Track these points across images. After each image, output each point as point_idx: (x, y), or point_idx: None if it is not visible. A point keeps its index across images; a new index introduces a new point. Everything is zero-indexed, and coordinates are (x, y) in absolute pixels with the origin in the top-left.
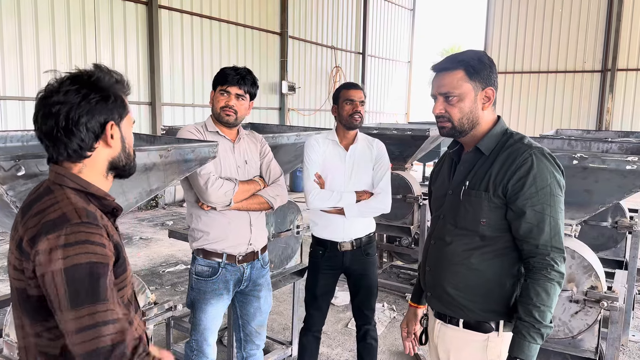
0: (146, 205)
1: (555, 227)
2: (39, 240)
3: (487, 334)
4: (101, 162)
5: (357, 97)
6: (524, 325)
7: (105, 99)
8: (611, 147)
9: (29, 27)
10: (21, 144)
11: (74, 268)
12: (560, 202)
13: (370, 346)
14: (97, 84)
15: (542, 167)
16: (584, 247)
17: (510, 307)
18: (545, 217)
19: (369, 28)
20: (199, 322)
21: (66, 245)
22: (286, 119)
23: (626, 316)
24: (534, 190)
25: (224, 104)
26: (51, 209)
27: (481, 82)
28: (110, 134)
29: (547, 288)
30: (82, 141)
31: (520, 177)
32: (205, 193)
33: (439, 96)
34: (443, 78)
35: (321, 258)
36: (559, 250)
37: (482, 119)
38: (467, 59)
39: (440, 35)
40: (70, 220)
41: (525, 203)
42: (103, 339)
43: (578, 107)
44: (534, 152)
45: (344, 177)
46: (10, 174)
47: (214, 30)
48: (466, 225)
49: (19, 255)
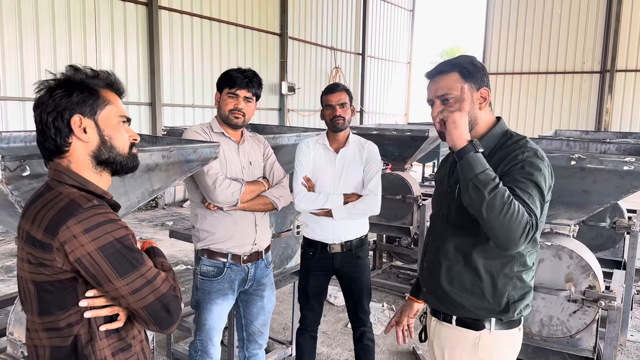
0: (146, 206)
1: (532, 204)
2: (58, 230)
3: (479, 331)
4: (82, 157)
5: (336, 100)
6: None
7: (69, 93)
8: (609, 148)
9: (29, 27)
10: (24, 144)
11: (105, 247)
12: (541, 194)
13: (368, 347)
14: (65, 81)
15: (532, 162)
16: (582, 247)
17: (503, 306)
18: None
19: (368, 29)
20: (204, 322)
21: (89, 229)
22: (286, 119)
23: (624, 316)
24: (519, 176)
25: (233, 107)
26: (57, 200)
27: (476, 83)
28: (81, 128)
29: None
30: (53, 139)
31: (510, 164)
32: (213, 193)
33: (436, 100)
34: (439, 81)
35: (311, 259)
36: (534, 215)
37: (480, 119)
38: (460, 62)
39: (439, 36)
40: (81, 205)
41: (509, 181)
42: (159, 289)
43: (577, 108)
44: (527, 150)
45: (334, 179)
46: (15, 174)
47: (214, 31)
48: (461, 223)
49: (34, 250)
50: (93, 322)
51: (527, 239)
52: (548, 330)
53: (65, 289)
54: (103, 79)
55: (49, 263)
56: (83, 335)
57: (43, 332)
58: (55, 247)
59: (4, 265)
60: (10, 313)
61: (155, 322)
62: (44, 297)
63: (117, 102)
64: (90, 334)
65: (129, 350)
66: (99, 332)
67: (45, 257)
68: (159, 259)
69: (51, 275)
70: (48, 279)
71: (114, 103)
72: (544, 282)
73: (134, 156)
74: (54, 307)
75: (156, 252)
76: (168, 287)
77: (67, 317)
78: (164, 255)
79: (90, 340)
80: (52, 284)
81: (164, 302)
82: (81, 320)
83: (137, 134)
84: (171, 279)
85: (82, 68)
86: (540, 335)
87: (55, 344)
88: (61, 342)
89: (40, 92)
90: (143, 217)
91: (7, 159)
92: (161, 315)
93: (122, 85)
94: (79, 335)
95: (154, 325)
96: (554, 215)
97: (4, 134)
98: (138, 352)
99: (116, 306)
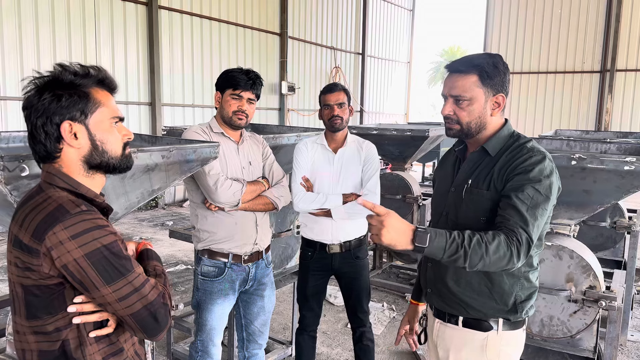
0: (146, 206)
1: (532, 217)
2: (44, 235)
3: (486, 332)
4: (74, 162)
5: (334, 100)
6: (452, 233)
7: (59, 97)
8: (610, 147)
9: (29, 27)
10: (24, 144)
11: (92, 254)
12: (545, 202)
13: (367, 348)
14: (54, 82)
15: (539, 167)
16: (583, 247)
17: (510, 306)
18: (525, 206)
19: (368, 28)
20: (205, 322)
21: (75, 236)
22: (286, 119)
23: (625, 316)
24: (524, 182)
25: (237, 109)
26: (45, 204)
27: (493, 88)
28: (71, 134)
29: (500, 245)
30: (43, 144)
31: (516, 170)
32: (214, 193)
33: (450, 97)
34: (456, 80)
35: (310, 259)
36: (527, 235)
37: (489, 124)
38: (482, 64)
39: (439, 36)
40: (69, 210)
41: (512, 190)
42: (147, 297)
43: (577, 107)
44: (535, 154)
45: (332, 179)
46: (14, 174)
47: (213, 30)
48: (467, 222)
49: (21, 254)
50: (82, 327)
51: (519, 259)
52: (548, 331)
53: (52, 293)
54: (93, 77)
55: (35, 268)
56: (72, 339)
57: (31, 335)
58: (42, 253)
59: (3, 265)
60: (9, 313)
61: (143, 329)
62: (32, 301)
63: (109, 102)
64: (79, 338)
65: (120, 354)
66: (88, 337)
67: (32, 262)
68: (152, 262)
69: (38, 279)
70: (35, 283)
71: (105, 104)
72: (544, 282)
73: (128, 157)
74: (41, 311)
75: (150, 255)
76: (156, 295)
77: (55, 322)
78: (159, 258)
79: (80, 345)
80: (40, 288)
81: (151, 310)
82: (69, 324)
83: (130, 132)
84: (161, 285)
85: (70, 66)
86: (540, 335)
87: (43, 348)
88: (49, 347)
89: (29, 93)
90: (143, 217)
91: (6, 159)
92: (148, 323)
93: (114, 81)
94: (67, 340)
95: (141, 332)
96: (554, 215)
97: (3, 134)
98: (131, 356)
99: (105, 312)
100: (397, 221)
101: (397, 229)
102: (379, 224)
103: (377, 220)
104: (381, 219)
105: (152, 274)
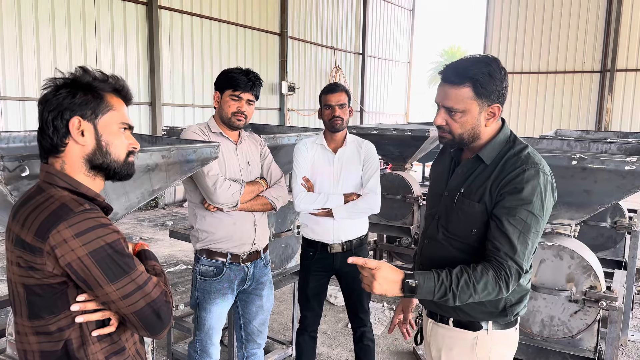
0: (146, 206)
1: (523, 244)
2: (48, 234)
3: (477, 332)
4: (76, 159)
5: (335, 100)
6: (440, 275)
7: (74, 94)
8: (610, 147)
9: (29, 27)
10: (24, 144)
11: (96, 252)
12: (537, 223)
13: (368, 348)
14: (73, 82)
15: (531, 185)
16: (583, 247)
17: (500, 309)
18: (516, 232)
19: (368, 28)
20: (203, 322)
21: (79, 234)
22: (286, 119)
23: (625, 316)
24: (515, 204)
25: (236, 110)
26: (48, 203)
27: (488, 99)
28: (79, 130)
29: (488, 282)
30: (50, 137)
31: (507, 187)
32: (213, 194)
33: (442, 107)
34: (449, 91)
35: (311, 260)
36: (517, 266)
37: (483, 134)
38: (476, 75)
39: (439, 36)
40: (73, 209)
41: (504, 212)
42: (150, 294)
43: (577, 107)
44: (528, 168)
45: (332, 179)
46: (14, 175)
47: (213, 30)
48: (457, 232)
49: (24, 253)
50: (85, 326)
51: (508, 290)
52: (549, 331)
53: (55, 293)
54: (111, 84)
55: (39, 267)
56: (74, 339)
57: (32, 335)
58: (45, 251)
59: (3, 265)
60: (10, 314)
61: (146, 327)
62: (34, 301)
63: (120, 109)
64: (82, 338)
65: (122, 353)
66: (91, 336)
67: (35, 261)
68: (151, 262)
69: (41, 279)
70: (38, 283)
71: (117, 109)
72: (545, 282)
73: (130, 164)
74: (43, 311)
75: (147, 255)
76: (159, 293)
77: (57, 322)
78: (156, 258)
79: (83, 344)
80: (42, 288)
81: (154, 307)
82: (72, 324)
83: (137, 143)
84: (162, 283)
85: (92, 70)
86: (541, 335)
87: (45, 349)
88: (51, 347)
89: (47, 90)
90: (143, 217)
91: (6, 159)
92: (152, 320)
93: (131, 92)
94: (70, 339)
95: (145, 330)
96: (555, 215)
97: (3, 134)
98: (133, 355)
99: (107, 310)
100: (388, 272)
101: (388, 280)
102: (370, 277)
103: (368, 273)
104: (372, 272)
105: (151, 273)
